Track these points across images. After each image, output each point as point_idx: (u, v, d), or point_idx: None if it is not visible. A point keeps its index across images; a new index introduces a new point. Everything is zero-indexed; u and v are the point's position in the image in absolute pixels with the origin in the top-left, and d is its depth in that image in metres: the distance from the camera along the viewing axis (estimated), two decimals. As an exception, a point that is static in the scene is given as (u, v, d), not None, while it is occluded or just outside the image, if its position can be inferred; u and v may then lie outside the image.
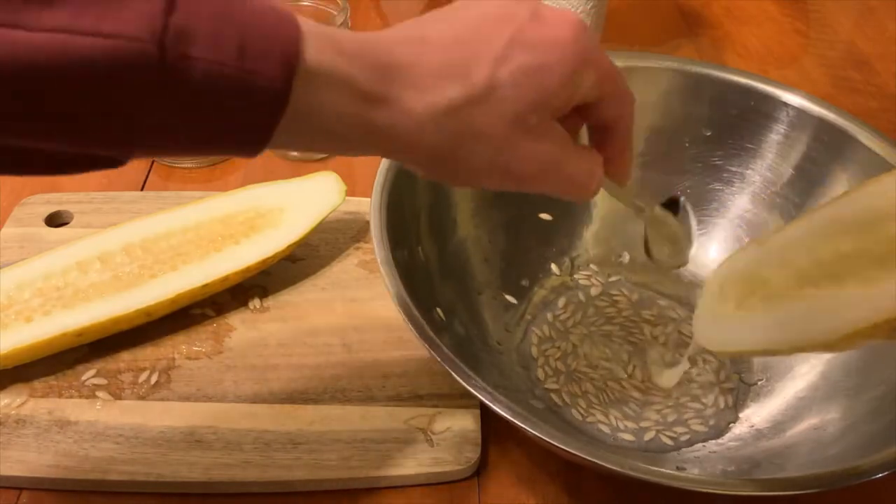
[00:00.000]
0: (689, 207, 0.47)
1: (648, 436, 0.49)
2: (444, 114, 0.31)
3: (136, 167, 0.67)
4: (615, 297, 0.57)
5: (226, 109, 0.27)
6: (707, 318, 0.44)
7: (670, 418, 0.50)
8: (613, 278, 0.59)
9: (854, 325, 0.33)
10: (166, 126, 0.27)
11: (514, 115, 0.32)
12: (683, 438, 0.49)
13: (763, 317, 0.40)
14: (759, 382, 0.52)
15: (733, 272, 0.43)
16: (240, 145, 0.29)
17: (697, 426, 0.50)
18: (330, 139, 0.31)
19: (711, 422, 0.50)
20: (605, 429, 0.50)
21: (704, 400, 0.51)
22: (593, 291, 0.58)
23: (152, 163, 0.68)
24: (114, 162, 0.29)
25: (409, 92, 0.31)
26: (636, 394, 0.51)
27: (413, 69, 0.31)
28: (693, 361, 0.53)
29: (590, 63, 0.34)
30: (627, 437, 0.49)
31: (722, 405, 0.51)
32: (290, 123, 0.29)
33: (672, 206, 0.46)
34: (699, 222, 0.58)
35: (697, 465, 0.48)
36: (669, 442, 0.49)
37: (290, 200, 0.57)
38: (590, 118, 0.38)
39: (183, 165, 0.67)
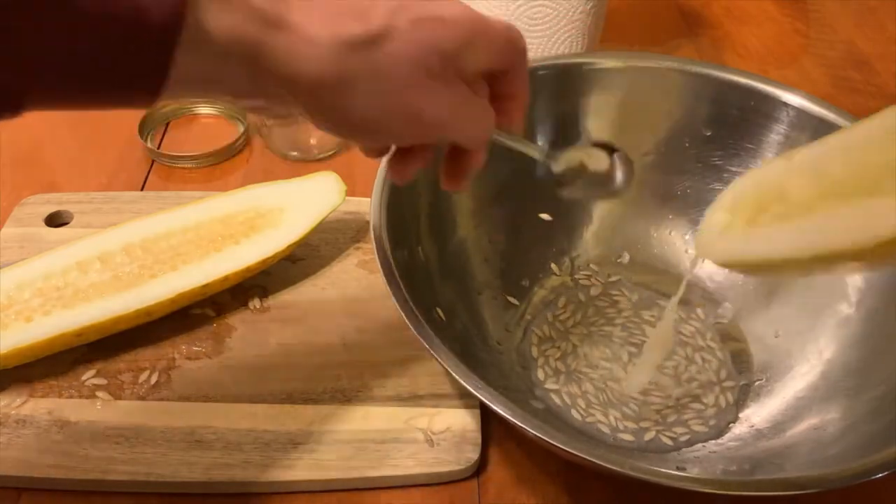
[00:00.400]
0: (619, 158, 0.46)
1: (648, 436, 0.49)
2: (346, 47, 0.31)
3: (136, 167, 0.67)
4: (615, 297, 0.57)
5: (121, 39, 0.27)
6: (712, 232, 0.42)
7: (670, 418, 0.50)
8: (613, 278, 0.59)
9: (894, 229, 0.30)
10: (62, 61, 0.27)
11: (415, 57, 0.33)
12: (683, 439, 0.49)
13: (780, 227, 0.37)
14: (759, 382, 0.52)
15: (754, 183, 0.40)
16: (136, 80, 0.29)
17: (697, 426, 0.50)
18: (227, 74, 0.31)
19: (712, 422, 0.50)
20: (605, 429, 0.50)
21: (705, 400, 0.51)
22: (593, 291, 0.58)
23: (152, 163, 0.68)
24: (9, 104, 0.28)
25: (309, 20, 0.31)
26: (636, 394, 0.51)
27: (311, 1, 0.31)
28: (690, 359, 0.53)
29: (486, 31, 0.35)
30: (627, 437, 0.49)
31: (723, 404, 0.51)
32: (185, 54, 0.28)
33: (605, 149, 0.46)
34: (687, 221, 0.59)
35: (697, 465, 0.48)
36: (669, 442, 0.49)
37: (290, 200, 0.57)
38: (496, 86, 0.38)
39: (183, 166, 0.67)
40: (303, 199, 0.57)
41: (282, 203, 0.57)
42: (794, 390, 0.50)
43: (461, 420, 0.49)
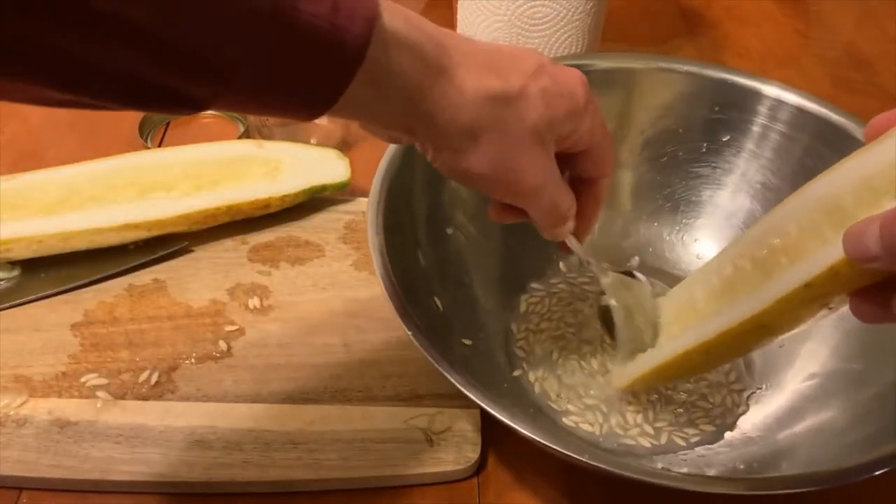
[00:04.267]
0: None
1: (663, 438, 0.49)
2: (486, 99, 0.35)
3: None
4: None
5: (311, 60, 0.30)
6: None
7: (682, 419, 0.50)
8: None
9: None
10: (258, 70, 0.29)
11: (534, 124, 0.37)
12: (694, 440, 0.49)
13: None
14: (759, 389, 0.52)
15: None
16: (312, 96, 0.31)
17: (705, 425, 0.50)
18: (385, 104, 0.34)
19: (718, 421, 0.50)
20: (611, 432, 0.50)
21: (712, 399, 0.51)
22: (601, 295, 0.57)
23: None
24: (196, 105, 0.30)
25: (465, 71, 0.35)
26: (642, 401, 0.51)
27: (467, 57, 0.35)
28: None
29: (591, 110, 0.39)
30: (645, 442, 0.49)
31: (729, 404, 0.51)
32: (359, 84, 0.31)
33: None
34: (698, 224, 0.59)
35: (699, 465, 0.48)
36: (676, 442, 0.49)
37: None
38: (575, 167, 0.42)
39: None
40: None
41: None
42: (794, 392, 0.50)
43: (461, 420, 0.49)
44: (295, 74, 0.30)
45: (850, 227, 0.32)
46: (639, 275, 0.50)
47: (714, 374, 0.53)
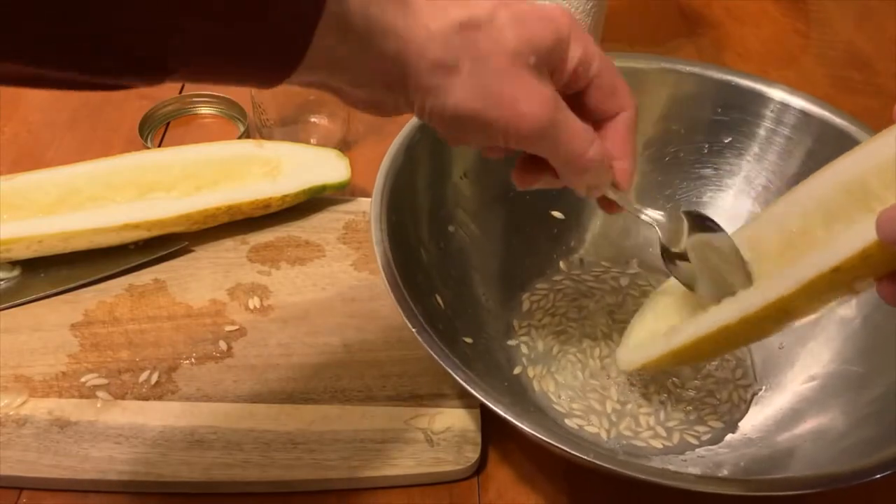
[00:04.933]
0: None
1: (675, 437, 0.49)
2: (452, 27, 0.34)
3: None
4: (627, 297, 0.57)
5: (273, 13, 0.28)
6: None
7: (692, 416, 0.50)
8: (623, 281, 0.58)
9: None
10: (209, 30, 0.28)
11: (514, 46, 0.35)
12: (705, 437, 0.49)
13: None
14: (760, 390, 0.52)
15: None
16: (275, 57, 0.30)
17: (714, 422, 0.50)
18: (354, 53, 0.32)
19: (726, 418, 0.50)
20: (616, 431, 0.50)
21: (719, 396, 0.51)
22: (603, 291, 0.57)
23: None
24: (154, 69, 0.28)
25: (425, 6, 0.33)
26: (647, 400, 0.51)
27: None
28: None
29: (580, 36, 0.37)
30: (656, 443, 0.49)
31: (736, 400, 0.51)
32: (324, 34, 0.30)
33: (698, 224, 0.44)
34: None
35: (701, 465, 0.48)
36: (688, 441, 0.49)
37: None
38: (588, 106, 0.39)
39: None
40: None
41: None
42: (794, 393, 0.50)
43: (461, 420, 0.49)
44: (258, 30, 0.29)
45: (885, 210, 0.31)
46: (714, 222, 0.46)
47: (720, 371, 0.53)
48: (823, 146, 0.54)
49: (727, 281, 0.43)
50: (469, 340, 0.50)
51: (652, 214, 0.44)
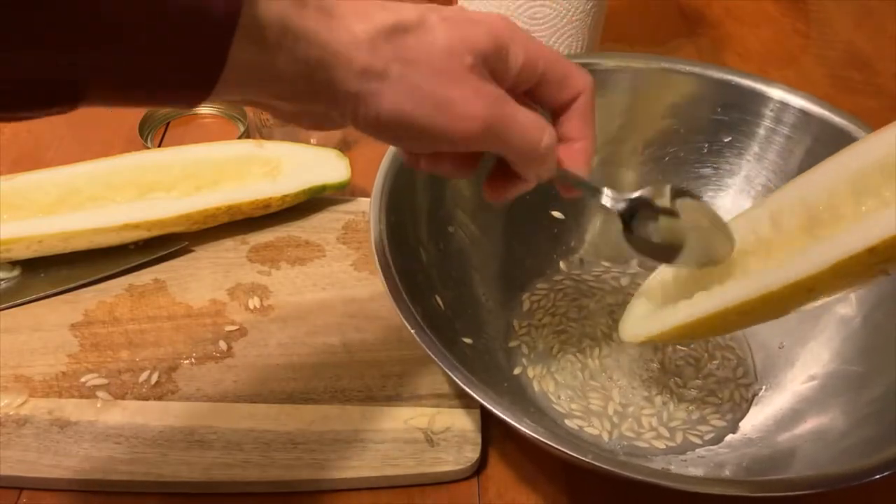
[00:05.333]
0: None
1: (679, 437, 0.49)
2: (379, 33, 0.33)
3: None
4: (627, 298, 0.57)
5: (182, 29, 0.27)
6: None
7: (694, 416, 0.50)
8: (624, 281, 0.58)
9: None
10: (123, 50, 0.27)
11: (447, 46, 0.34)
12: (708, 437, 0.49)
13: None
14: (761, 390, 0.52)
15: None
16: (194, 72, 0.29)
17: (716, 421, 0.50)
18: (276, 65, 0.31)
19: (728, 416, 0.50)
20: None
21: (720, 395, 0.51)
22: (603, 292, 0.57)
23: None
24: (70, 96, 0.28)
25: (345, 8, 0.32)
26: (649, 402, 0.51)
27: None
28: (711, 355, 0.54)
29: (521, 37, 0.36)
30: (658, 444, 0.49)
31: (738, 399, 0.51)
32: (239, 48, 0.29)
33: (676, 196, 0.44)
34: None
35: (701, 465, 0.48)
36: (691, 441, 0.49)
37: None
38: (543, 100, 0.39)
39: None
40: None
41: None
42: (794, 393, 0.50)
43: (461, 420, 0.49)
44: (163, 52, 0.28)
45: None
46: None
47: (722, 370, 0.53)
48: (823, 145, 0.54)
49: (714, 245, 0.43)
50: (469, 341, 0.50)
51: (609, 198, 0.43)
